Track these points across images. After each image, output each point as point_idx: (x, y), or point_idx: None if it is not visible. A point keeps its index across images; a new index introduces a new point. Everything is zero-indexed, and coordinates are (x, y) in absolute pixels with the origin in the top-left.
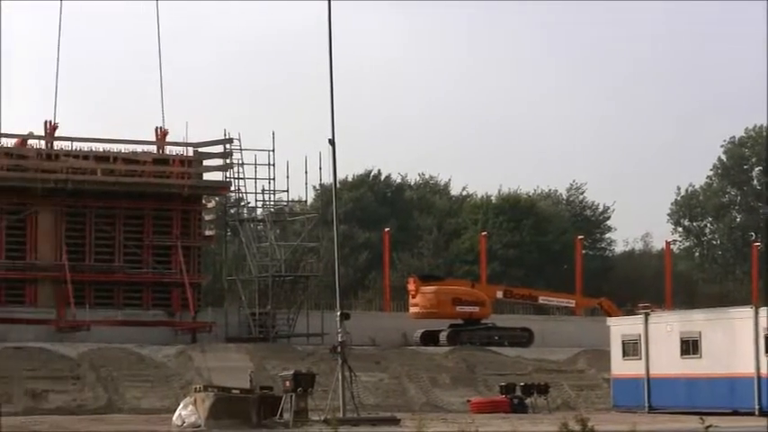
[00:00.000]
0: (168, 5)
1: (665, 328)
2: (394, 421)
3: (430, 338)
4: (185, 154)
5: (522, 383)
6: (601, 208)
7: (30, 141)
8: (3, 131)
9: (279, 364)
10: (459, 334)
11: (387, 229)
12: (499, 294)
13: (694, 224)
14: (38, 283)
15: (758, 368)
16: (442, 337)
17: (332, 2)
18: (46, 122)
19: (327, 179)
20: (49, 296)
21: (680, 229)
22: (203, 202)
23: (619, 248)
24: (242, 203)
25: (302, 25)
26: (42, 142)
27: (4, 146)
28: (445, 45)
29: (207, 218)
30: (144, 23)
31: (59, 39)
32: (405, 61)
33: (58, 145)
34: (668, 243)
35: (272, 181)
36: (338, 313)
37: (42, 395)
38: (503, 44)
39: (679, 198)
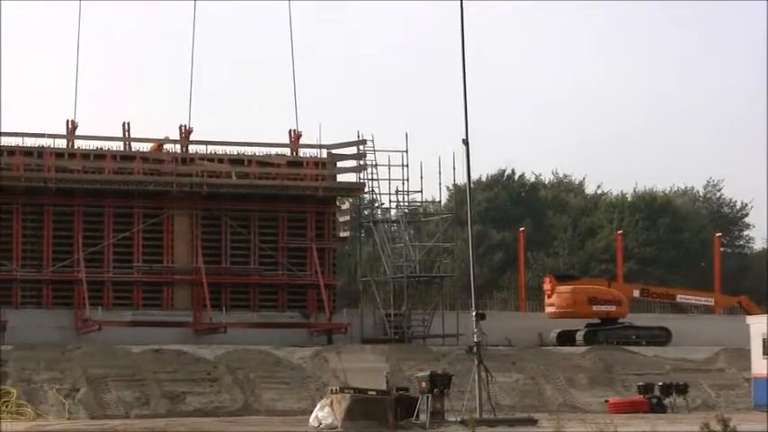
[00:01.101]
0: (300, 5)
1: None
2: (531, 422)
3: (566, 338)
4: (319, 156)
5: (660, 383)
6: (739, 205)
7: (165, 146)
8: (139, 136)
9: (414, 365)
10: (596, 333)
11: (521, 229)
12: (636, 293)
13: None
14: (174, 286)
15: None
16: (579, 336)
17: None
18: (181, 127)
19: (461, 179)
20: (186, 299)
21: None
22: (337, 203)
23: (757, 246)
24: (376, 204)
25: (435, 24)
26: (177, 146)
27: (141, 150)
28: (577, 42)
29: (341, 219)
30: (276, 26)
31: (193, 43)
32: (537, 59)
33: (192, 149)
34: None
35: (405, 182)
36: (474, 313)
37: (180, 397)
38: (634, 40)
39: None
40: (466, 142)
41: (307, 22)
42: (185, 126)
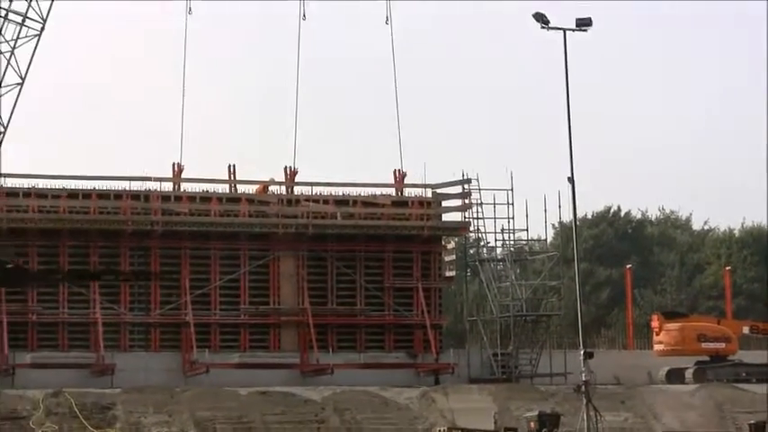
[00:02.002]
0: (403, 47)
1: None
2: None
3: (675, 376)
4: (424, 195)
5: None
6: None
7: (270, 187)
8: (244, 179)
9: (522, 405)
10: (706, 371)
11: (628, 266)
12: (745, 330)
13: None
14: (281, 328)
15: None
16: (688, 374)
17: (567, 37)
18: (286, 168)
19: (567, 217)
20: (293, 340)
21: None
22: (443, 242)
23: None
24: (482, 243)
25: (538, 61)
26: (283, 188)
27: (246, 192)
28: (687, 74)
29: (447, 259)
30: (380, 68)
31: (297, 85)
32: (640, 95)
33: (298, 190)
34: None
35: (511, 220)
36: (581, 352)
37: None
38: (740, 73)
39: None
40: (571, 180)
41: (410, 62)
42: (290, 167)
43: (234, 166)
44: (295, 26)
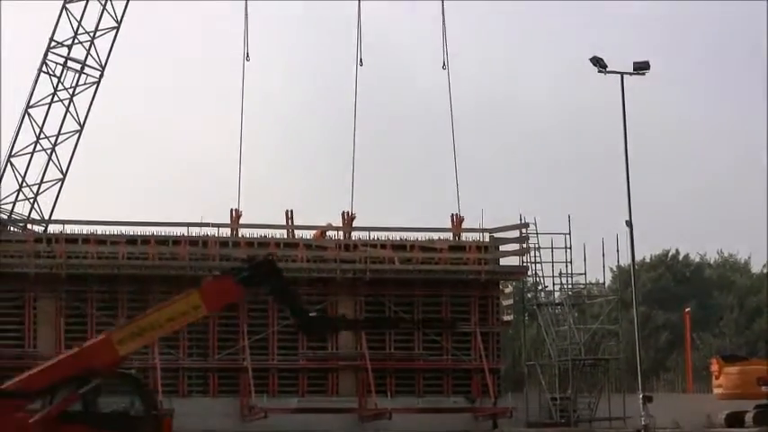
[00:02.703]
0: (460, 90)
1: None
2: None
3: (735, 420)
4: (481, 240)
5: None
6: None
7: (328, 233)
8: (301, 224)
9: None
10: (766, 415)
11: (687, 309)
12: None
13: None
14: (339, 372)
15: None
16: (748, 418)
17: (624, 78)
18: (343, 213)
19: (625, 261)
20: (351, 385)
21: None
22: (500, 287)
23: None
24: (539, 287)
25: (595, 104)
26: (340, 233)
27: (304, 238)
28: (743, 118)
29: (505, 303)
30: (435, 112)
31: (354, 130)
32: (695, 136)
33: (355, 235)
34: None
35: (569, 264)
36: (641, 396)
37: None
38: None
39: None
40: (629, 224)
41: (466, 106)
42: (348, 212)
43: (291, 211)
44: (352, 71)
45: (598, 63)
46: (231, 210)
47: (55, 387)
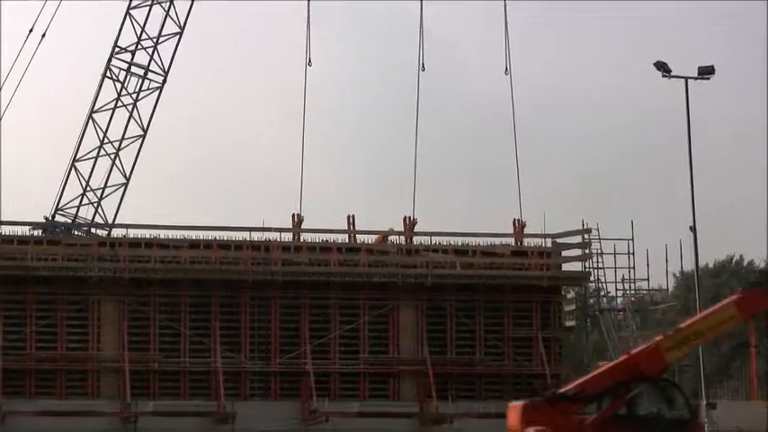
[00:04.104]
0: (521, 94)
1: None
2: None
3: None
4: (543, 245)
5: None
6: None
7: (390, 237)
8: (364, 229)
9: None
10: None
11: None
12: None
13: None
14: (400, 377)
15: None
16: None
17: (689, 84)
18: (405, 218)
19: (688, 266)
20: (412, 390)
21: None
22: (563, 292)
23: None
24: (602, 293)
25: (658, 108)
26: (402, 238)
27: (365, 243)
28: None
29: (567, 308)
30: (497, 117)
31: (416, 136)
32: (760, 139)
33: (417, 240)
34: None
35: (631, 270)
36: (704, 403)
37: None
38: None
39: None
40: (693, 229)
41: (528, 111)
42: (409, 217)
43: (353, 216)
44: (414, 76)
45: (662, 68)
46: (293, 215)
47: (607, 391)
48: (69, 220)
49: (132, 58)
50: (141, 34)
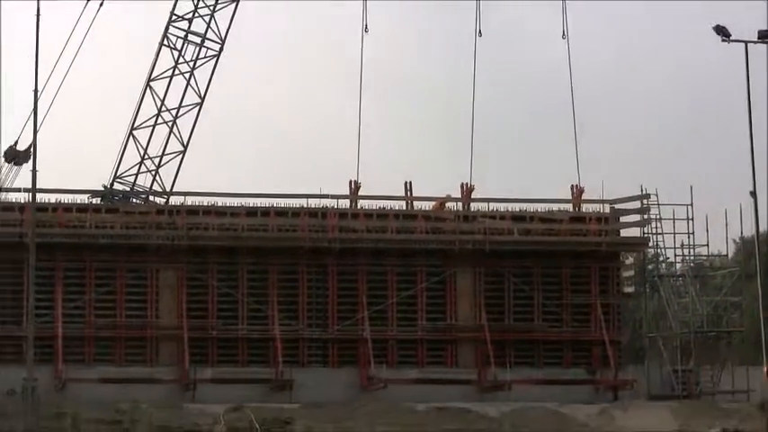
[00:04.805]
0: (578, 58)
1: None
2: None
3: None
4: (602, 211)
5: None
6: None
7: (447, 204)
8: (422, 195)
9: (704, 423)
10: None
11: None
12: None
13: None
14: (458, 344)
15: None
16: None
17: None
18: (462, 185)
19: (749, 231)
20: (469, 356)
21: None
22: (621, 258)
23: None
24: (660, 259)
25: (718, 72)
26: (459, 204)
27: (423, 209)
28: None
29: (625, 275)
30: (553, 81)
31: (473, 104)
32: None
33: (474, 206)
34: None
35: (690, 235)
36: (765, 369)
37: None
38: None
39: None
40: (754, 194)
41: (585, 75)
42: (467, 184)
43: (410, 182)
44: (469, 42)
45: (721, 32)
46: (350, 181)
47: None
48: (128, 188)
49: (189, 27)
50: (198, 2)
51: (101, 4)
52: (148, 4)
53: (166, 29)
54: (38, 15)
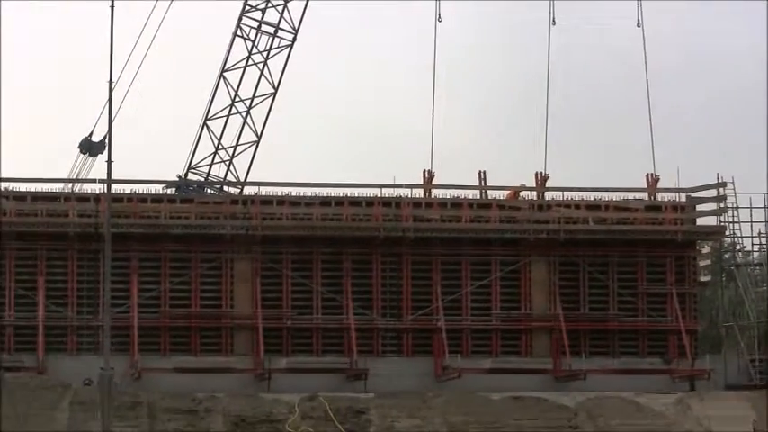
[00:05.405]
0: (652, 47)
1: None
2: None
3: None
4: (678, 200)
5: None
6: None
7: (521, 193)
8: (496, 184)
9: None
10: None
11: None
12: None
13: None
14: (533, 333)
15: None
16: None
17: None
18: (537, 174)
19: None
20: (544, 346)
21: None
22: (697, 247)
23: None
24: (737, 248)
25: None
26: (533, 193)
27: (497, 198)
28: None
29: (701, 263)
30: (628, 69)
31: (548, 93)
32: None
33: (549, 195)
34: None
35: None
36: None
37: None
38: None
39: None
40: None
41: (658, 63)
42: (541, 173)
43: (484, 171)
44: (543, 31)
45: None
46: (424, 171)
47: None
48: (202, 179)
49: (262, 17)
50: None
51: None
52: None
53: (240, 19)
54: (112, 7)
